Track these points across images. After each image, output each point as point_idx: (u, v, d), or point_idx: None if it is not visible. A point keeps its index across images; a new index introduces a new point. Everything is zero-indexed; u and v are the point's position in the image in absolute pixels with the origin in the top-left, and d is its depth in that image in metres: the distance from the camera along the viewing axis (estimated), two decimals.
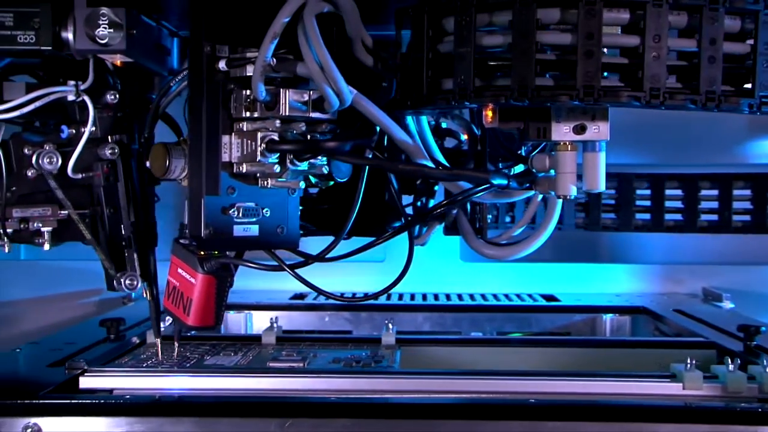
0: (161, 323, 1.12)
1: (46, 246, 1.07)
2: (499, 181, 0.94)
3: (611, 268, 1.85)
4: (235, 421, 0.94)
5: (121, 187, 1.07)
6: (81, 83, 1.01)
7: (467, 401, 1.00)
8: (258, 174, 0.95)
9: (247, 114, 0.93)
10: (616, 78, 0.84)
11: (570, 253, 1.79)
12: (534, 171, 0.97)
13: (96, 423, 0.93)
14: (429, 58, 0.91)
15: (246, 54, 0.93)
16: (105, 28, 0.95)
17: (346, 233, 1.04)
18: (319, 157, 0.95)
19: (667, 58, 0.82)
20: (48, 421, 0.92)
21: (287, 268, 1.00)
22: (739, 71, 0.85)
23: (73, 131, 1.04)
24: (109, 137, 1.05)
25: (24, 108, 1.00)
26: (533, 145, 1.02)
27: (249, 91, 0.93)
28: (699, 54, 0.82)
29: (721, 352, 1.23)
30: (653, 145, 1.73)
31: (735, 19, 0.84)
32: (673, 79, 0.85)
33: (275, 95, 0.91)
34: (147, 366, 1.09)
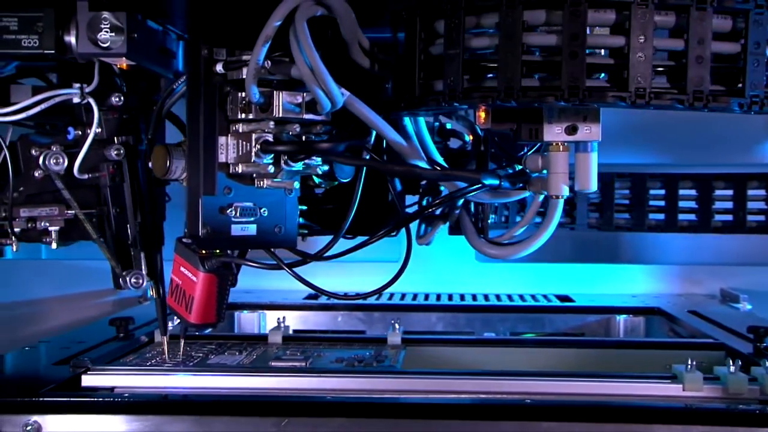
0: (170, 322, 1.15)
1: (53, 245, 1.10)
2: (491, 181, 0.96)
3: (628, 268, 1.85)
4: (232, 420, 0.96)
5: (127, 188, 1.10)
6: (86, 86, 1.05)
7: (463, 401, 1.01)
8: (254, 174, 0.98)
9: (243, 116, 0.96)
10: (605, 78, 0.85)
11: (585, 254, 1.79)
12: (528, 171, 0.99)
13: (95, 421, 0.96)
14: (421, 60, 0.93)
15: (242, 57, 0.96)
16: (106, 31, 0.98)
17: (344, 232, 1.05)
18: (314, 158, 0.97)
19: (655, 58, 0.83)
20: (48, 419, 0.95)
21: (285, 267, 1.03)
22: (731, 71, 0.86)
23: (79, 133, 1.07)
24: (115, 138, 1.08)
25: (30, 110, 1.03)
26: (530, 146, 1.03)
27: (245, 93, 0.95)
28: (686, 54, 0.82)
29: (730, 353, 1.24)
30: (667, 145, 1.72)
31: (726, 19, 0.85)
32: (664, 80, 0.86)
33: (269, 97, 0.93)
34: (150, 365, 1.11)
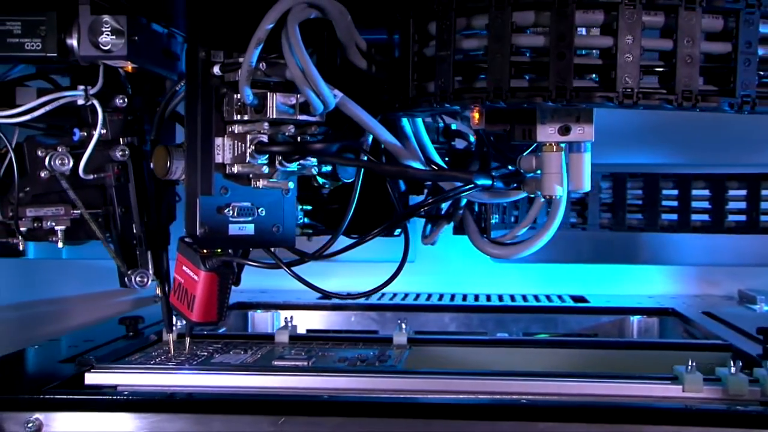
0: (179, 321, 1.18)
1: (60, 244, 1.13)
2: (483, 182, 0.97)
3: (645, 269, 1.85)
4: (231, 418, 0.98)
5: (132, 188, 1.13)
6: (90, 88, 1.08)
7: (459, 401, 1.02)
8: (250, 175, 1.00)
9: (238, 117, 0.98)
10: (596, 79, 0.86)
11: (599, 254, 1.79)
12: (522, 172, 1.00)
13: (96, 418, 0.98)
14: (415, 61, 0.94)
15: (239, 59, 0.97)
16: (108, 35, 1.01)
17: (343, 232, 1.07)
18: (309, 159, 0.99)
19: (645, 58, 0.84)
20: (50, 416, 0.97)
21: (284, 266, 1.05)
22: (723, 71, 0.86)
23: (85, 134, 1.10)
24: (121, 140, 1.11)
25: (35, 112, 1.06)
26: (526, 147, 1.04)
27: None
28: (675, 54, 0.83)
29: (737, 355, 1.24)
30: (680, 145, 1.72)
31: (717, 19, 0.85)
32: (656, 80, 0.86)
33: (263, 99, 0.95)
34: (154, 363, 1.14)
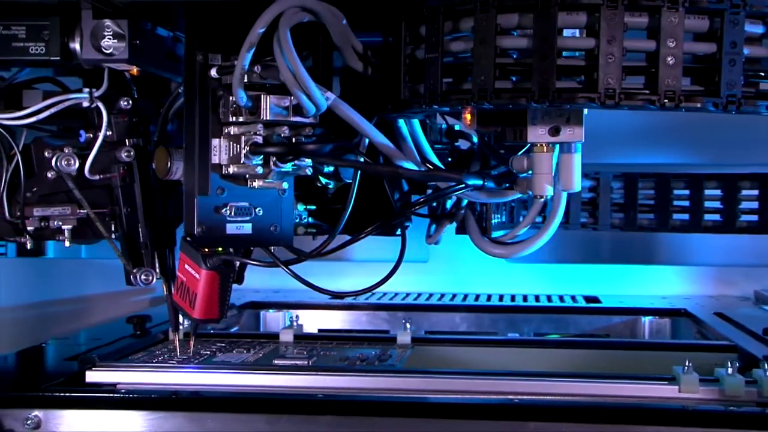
0: (185, 320, 1.21)
1: (66, 243, 1.17)
2: (473, 182, 0.99)
3: (660, 269, 1.86)
4: (225, 416, 1.01)
5: (137, 188, 1.16)
6: (95, 90, 1.11)
7: (452, 400, 1.04)
8: (247, 175, 1.02)
9: (234, 118, 1.01)
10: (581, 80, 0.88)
11: (611, 254, 1.80)
12: (515, 172, 1.01)
13: (94, 416, 1.01)
14: (406, 63, 0.97)
15: (235, 62, 1.00)
16: (109, 38, 1.05)
17: (339, 231, 1.09)
18: (304, 159, 1.02)
19: (626, 59, 0.85)
20: (49, 413, 1.01)
21: (282, 264, 1.07)
22: (708, 71, 0.87)
23: (90, 135, 1.13)
24: (126, 141, 1.15)
25: (40, 114, 1.10)
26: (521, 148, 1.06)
27: None
28: (658, 54, 0.84)
29: (743, 356, 1.24)
30: (691, 145, 1.72)
31: (703, 19, 0.87)
32: (643, 80, 0.88)
33: (257, 101, 0.98)
34: (157, 361, 1.17)
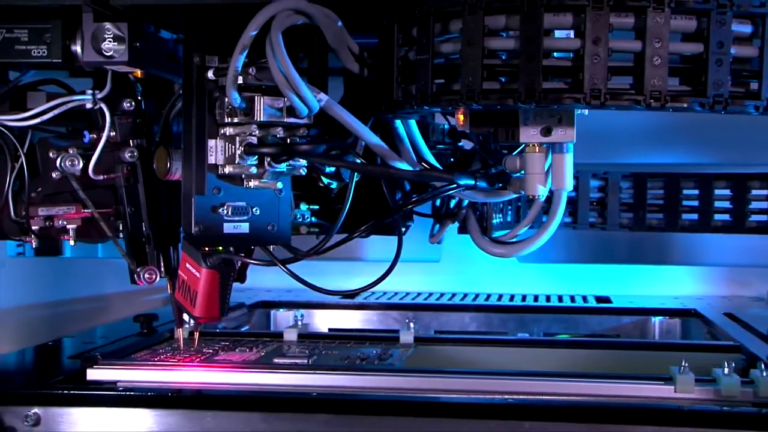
0: (191, 319, 1.24)
1: (71, 241, 1.20)
2: (465, 181, 1.01)
3: (673, 269, 1.86)
4: (221, 414, 1.03)
5: (141, 188, 1.19)
6: (98, 92, 1.14)
7: (445, 399, 1.05)
8: (243, 175, 1.05)
9: (229, 119, 1.03)
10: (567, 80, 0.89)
11: (622, 255, 1.81)
12: (508, 171, 1.03)
13: (91, 413, 1.04)
14: (399, 65, 0.99)
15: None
16: (110, 41, 1.07)
17: (337, 230, 1.12)
18: (298, 159, 1.04)
19: (613, 59, 0.86)
20: (48, 411, 1.03)
21: (279, 263, 1.10)
22: (695, 71, 0.88)
23: (95, 136, 1.17)
24: (130, 142, 1.18)
25: (44, 115, 1.13)
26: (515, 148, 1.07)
27: None
28: (643, 54, 0.85)
29: (747, 356, 1.25)
30: (701, 145, 1.73)
31: (691, 19, 0.88)
32: (631, 80, 0.89)
33: (251, 102, 1.01)
34: (158, 360, 1.19)
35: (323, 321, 1.77)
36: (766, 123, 1.68)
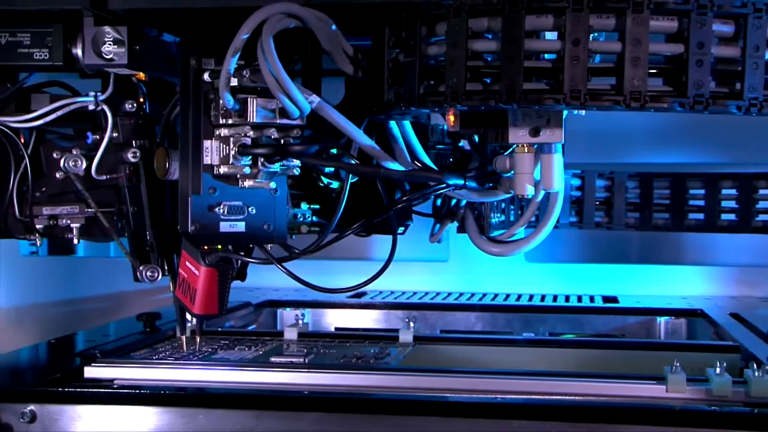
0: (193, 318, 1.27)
1: (75, 240, 1.24)
2: (454, 181, 1.03)
3: (683, 269, 1.88)
4: (213, 412, 1.06)
5: (143, 188, 1.23)
6: (100, 94, 1.18)
7: (435, 398, 1.08)
8: (238, 175, 1.08)
9: (224, 121, 1.07)
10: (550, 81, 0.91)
11: (631, 254, 1.82)
12: (498, 171, 1.05)
13: (86, 410, 1.07)
14: (390, 67, 1.01)
15: None
16: (110, 44, 1.11)
17: (332, 229, 1.15)
18: (291, 160, 1.07)
19: (594, 61, 0.88)
20: (44, 408, 1.06)
21: (275, 261, 1.13)
22: (677, 71, 0.90)
23: (98, 137, 1.21)
24: (133, 142, 1.21)
25: (47, 117, 1.17)
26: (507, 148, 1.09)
27: None
28: (623, 56, 0.87)
29: (746, 356, 1.26)
30: (707, 144, 1.74)
31: (672, 20, 0.89)
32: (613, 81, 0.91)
33: (245, 104, 1.04)
34: (157, 358, 1.23)
35: (331, 321, 1.80)
36: None
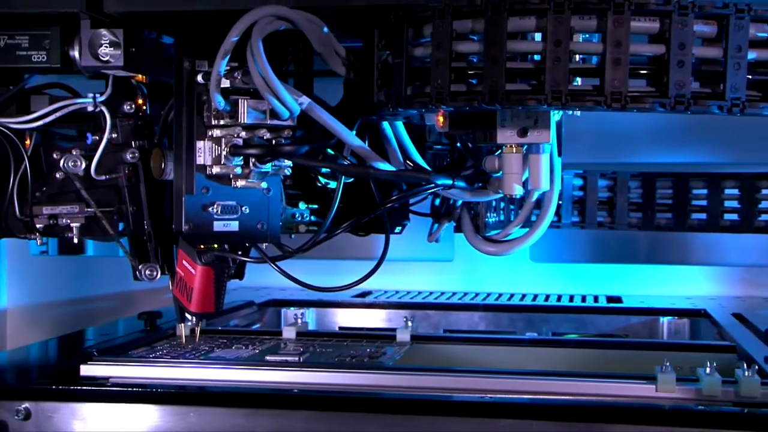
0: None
1: (75, 239, 1.27)
2: (443, 181, 1.05)
3: (687, 269, 1.88)
4: (204, 410, 1.09)
5: (142, 188, 1.25)
6: (98, 95, 1.21)
7: (425, 397, 1.10)
8: (231, 175, 1.11)
9: (216, 122, 1.09)
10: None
11: (634, 254, 1.83)
12: (488, 171, 1.07)
13: (81, 408, 1.10)
14: (378, 68, 1.03)
15: None
16: (106, 47, 1.14)
17: (326, 228, 1.17)
18: (282, 160, 1.10)
19: (579, 62, 0.90)
20: (38, 406, 1.09)
21: (269, 260, 1.15)
22: (659, 72, 0.92)
23: (97, 138, 1.24)
24: (132, 143, 1.24)
25: (46, 118, 1.20)
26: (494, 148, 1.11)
27: None
28: (604, 56, 0.89)
29: (742, 357, 1.27)
30: (710, 144, 1.75)
31: (654, 21, 0.91)
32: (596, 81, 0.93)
33: (236, 105, 1.06)
34: (154, 356, 1.26)
35: (335, 320, 1.82)
36: None
